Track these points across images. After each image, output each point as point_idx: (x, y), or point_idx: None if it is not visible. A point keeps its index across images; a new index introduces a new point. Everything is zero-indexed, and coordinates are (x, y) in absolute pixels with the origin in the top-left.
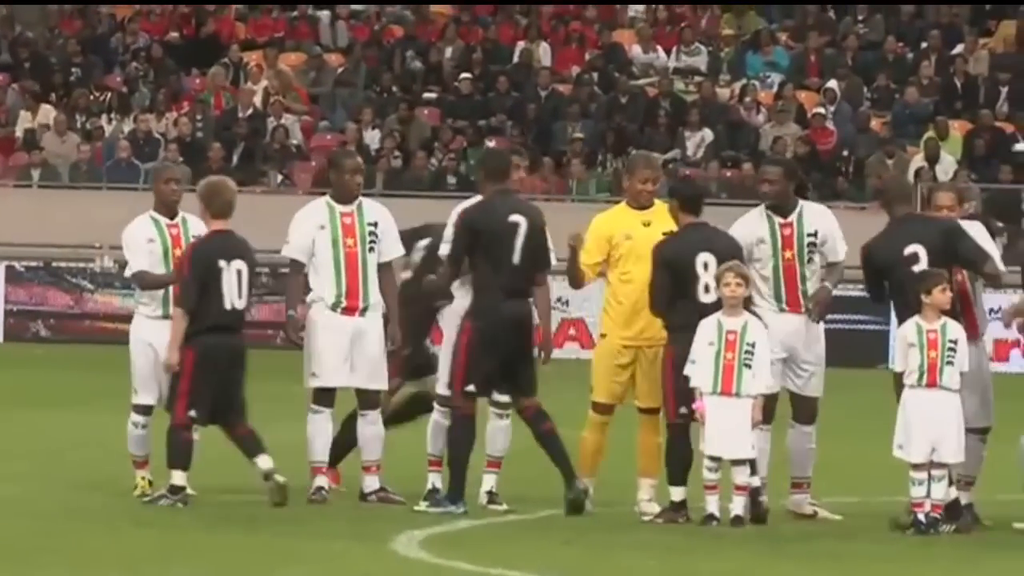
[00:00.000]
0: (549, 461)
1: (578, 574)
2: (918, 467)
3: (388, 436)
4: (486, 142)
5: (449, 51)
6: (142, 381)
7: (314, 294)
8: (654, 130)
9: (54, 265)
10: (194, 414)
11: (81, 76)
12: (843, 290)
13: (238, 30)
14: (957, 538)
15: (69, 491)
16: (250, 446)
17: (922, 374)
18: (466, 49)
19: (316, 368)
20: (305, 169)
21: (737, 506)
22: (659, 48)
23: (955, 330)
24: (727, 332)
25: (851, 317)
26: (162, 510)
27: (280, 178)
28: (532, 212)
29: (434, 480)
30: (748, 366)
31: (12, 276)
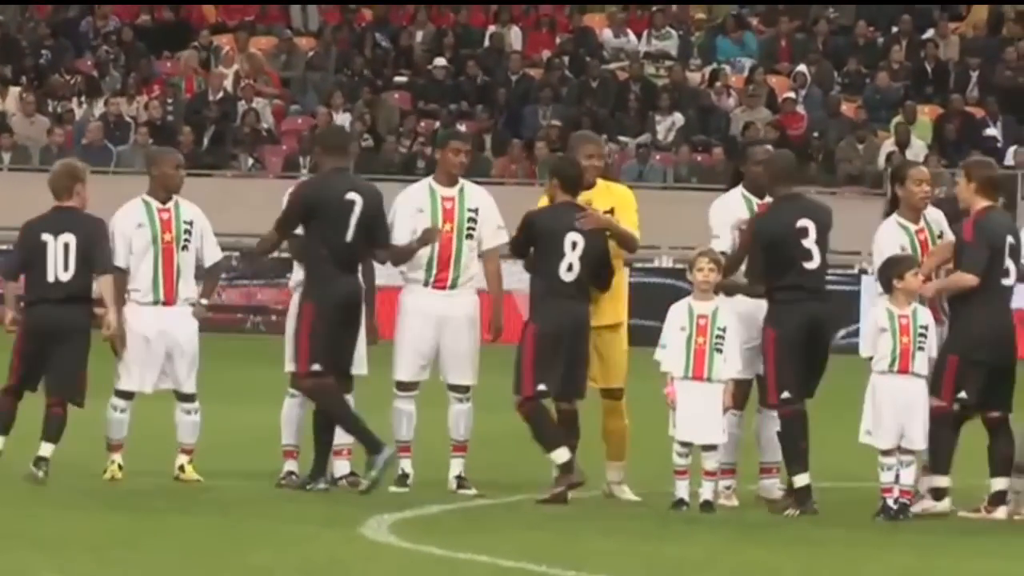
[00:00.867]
0: (519, 446)
1: (547, 559)
2: (887, 452)
3: None
4: (457, 126)
5: (420, 35)
6: (128, 367)
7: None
8: (625, 114)
9: None
10: (13, 382)
11: (52, 59)
12: None
13: (209, 13)
14: (926, 524)
15: None
16: (47, 428)
17: (894, 359)
18: (437, 33)
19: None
20: (276, 153)
21: (707, 491)
22: (630, 32)
23: (925, 315)
24: (698, 317)
25: None
26: (132, 493)
27: (251, 162)
28: (369, 191)
29: (403, 465)
30: (719, 351)
31: None
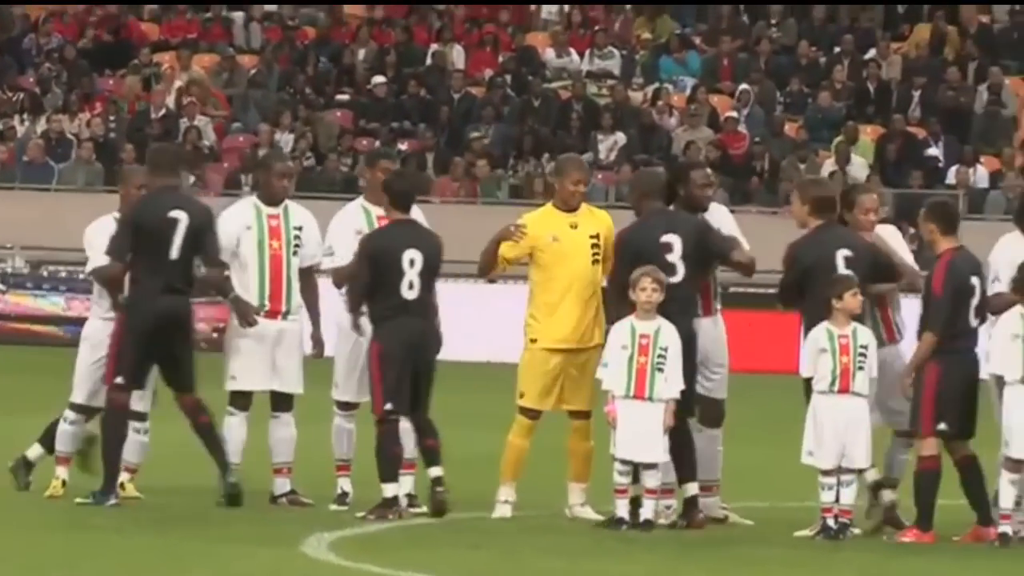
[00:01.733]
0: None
1: None
2: (828, 472)
3: (299, 440)
4: (398, 144)
5: (362, 53)
6: (83, 381)
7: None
8: (567, 133)
9: None
10: None
11: None
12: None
13: (151, 31)
14: (866, 543)
15: None
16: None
17: (834, 379)
18: (379, 51)
19: (236, 371)
20: (217, 170)
21: (647, 510)
22: (572, 51)
23: (865, 335)
24: (640, 336)
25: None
26: (71, 511)
27: (192, 179)
28: (195, 207)
29: (343, 484)
30: (660, 370)
31: None
